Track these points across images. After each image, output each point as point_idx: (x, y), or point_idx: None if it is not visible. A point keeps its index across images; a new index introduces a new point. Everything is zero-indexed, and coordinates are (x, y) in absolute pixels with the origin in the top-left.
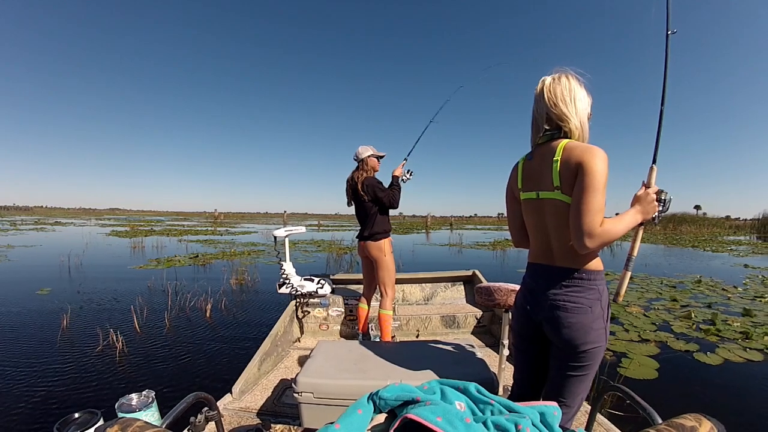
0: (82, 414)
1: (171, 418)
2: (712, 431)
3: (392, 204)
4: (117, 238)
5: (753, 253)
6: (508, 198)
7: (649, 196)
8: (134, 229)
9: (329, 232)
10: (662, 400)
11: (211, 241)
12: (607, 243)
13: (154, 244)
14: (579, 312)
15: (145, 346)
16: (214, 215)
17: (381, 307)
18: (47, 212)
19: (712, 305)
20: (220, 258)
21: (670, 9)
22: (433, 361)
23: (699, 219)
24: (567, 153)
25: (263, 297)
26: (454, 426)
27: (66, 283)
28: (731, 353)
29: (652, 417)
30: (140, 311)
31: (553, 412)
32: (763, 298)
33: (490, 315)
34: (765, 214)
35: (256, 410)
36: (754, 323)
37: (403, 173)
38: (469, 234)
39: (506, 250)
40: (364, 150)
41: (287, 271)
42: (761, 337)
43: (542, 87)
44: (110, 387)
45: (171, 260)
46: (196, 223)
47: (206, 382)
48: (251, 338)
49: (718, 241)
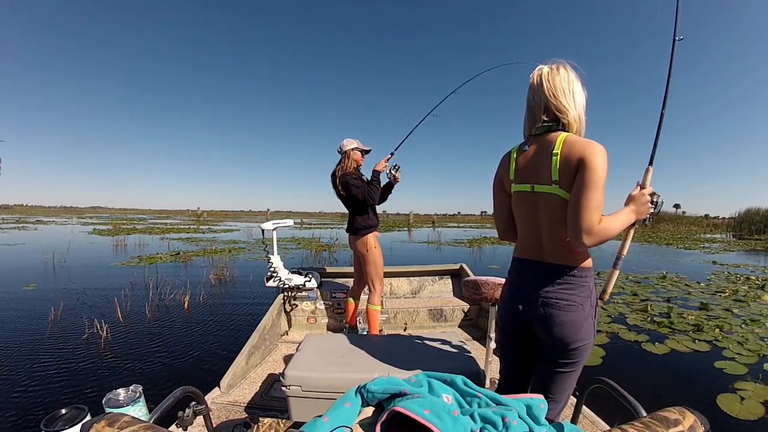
0: (69, 410)
1: (159, 412)
2: (695, 424)
3: (366, 200)
4: (99, 236)
5: (725, 250)
6: (496, 189)
7: (644, 197)
8: (117, 227)
9: (310, 230)
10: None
11: (193, 239)
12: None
13: (137, 242)
14: (571, 309)
15: (128, 339)
16: (198, 213)
17: (369, 302)
18: (28, 210)
19: (671, 300)
20: (201, 255)
21: (679, 16)
22: (420, 354)
23: (678, 217)
24: (567, 147)
25: (241, 291)
26: (442, 419)
27: (51, 279)
28: (679, 344)
29: (636, 410)
30: (123, 305)
31: (539, 404)
32: (723, 294)
33: (477, 308)
34: (741, 213)
35: (244, 404)
36: (709, 316)
37: (388, 168)
38: (450, 232)
39: (482, 247)
40: (348, 143)
41: (275, 264)
42: (712, 330)
43: (540, 76)
44: (96, 377)
45: (153, 257)
46: (179, 221)
47: (187, 373)
48: (229, 330)
49: (693, 239)
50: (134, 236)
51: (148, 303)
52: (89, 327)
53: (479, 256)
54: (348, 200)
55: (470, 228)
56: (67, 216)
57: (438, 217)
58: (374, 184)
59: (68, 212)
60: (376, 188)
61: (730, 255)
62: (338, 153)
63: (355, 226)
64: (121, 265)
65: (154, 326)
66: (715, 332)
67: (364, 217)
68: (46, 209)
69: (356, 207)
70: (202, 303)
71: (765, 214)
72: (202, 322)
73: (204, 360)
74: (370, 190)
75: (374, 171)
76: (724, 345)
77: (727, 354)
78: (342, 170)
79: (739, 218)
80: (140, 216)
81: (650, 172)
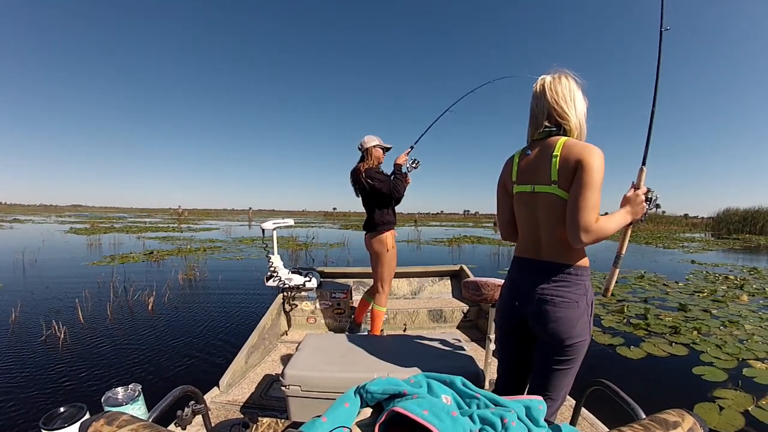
0: (67, 408)
1: (157, 411)
2: (694, 426)
3: (393, 193)
4: (75, 235)
5: (703, 249)
6: (500, 192)
7: (639, 198)
8: (94, 226)
9: (291, 229)
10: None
11: (170, 238)
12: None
13: (112, 241)
14: (566, 306)
15: (89, 338)
16: (179, 212)
17: (375, 302)
18: (6, 209)
19: (649, 300)
20: (175, 255)
21: (664, 5)
22: (419, 354)
23: (658, 217)
24: (566, 149)
25: (209, 290)
26: (441, 419)
27: (20, 279)
28: (656, 347)
29: (635, 411)
30: (84, 305)
31: (538, 405)
32: (701, 293)
33: (476, 310)
34: (720, 213)
35: (243, 403)
36: (686, 317)
37: (407, 162)
38: (432, 231)
39: (461, 246)
40: (369, 140)
41: (275, 264)
42: (690, 332)
43: (543, 85)
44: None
45: (125, 257)
46: (159, 219)
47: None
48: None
49: (672, 238)
50: (110, 235)
51: (109, 303)
52: (47, 329)
53: (458, 255)
54: (372, 196)
55: (452, 227)
56: (46, 214)
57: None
58: (399, 178)
59: (48, 210)
60: (401, 182)
61: (708, 254)
62: (359, 150)
63: (374, 222)
64: (92, 264)
65: (114, 327)
66: (693, 335)
67: (382, 213)
68: (25, 208)
69: (379, 202)
70: (166, 303)
71: (743, 214)
72: (164, 322)
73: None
74: (396, 184)
75: (396, 165)
76: (702, 348)
77: (705, 358)
78: (367, 166)
79: (717, 218)
80: (120, 214)
81: (644, 172)
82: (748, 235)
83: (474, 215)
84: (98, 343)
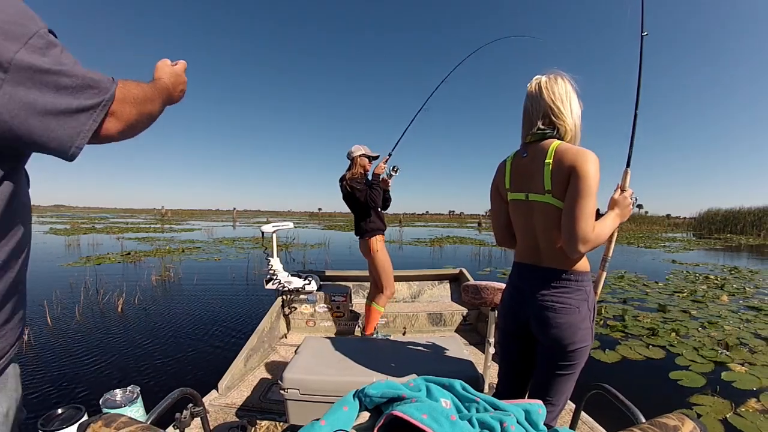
0: (66, 409)
1: (156, 413)
2: (694, 430)
3: (368, 203)
4: (54, 236)
5: (684, 249)
6: (493, 196)
7: (627, 200)
8: (75, 226)
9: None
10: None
11: (150, 238)
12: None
13: (91, 242)
14: (567, 312)
15: (54, 341)
16: (162, 212)
17: (374, 301)
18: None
19: (628, 301)
20: (152, 255)
21: (644, 11)
22: (419, 358)
23: (640, 217)
24: (559, 156)
25: (184, 292)
26: (440, 423)
27: None
28: (632, 350)
29: (635, 416)
30: (55, 306)
31: (538, 410)
32: (681, 294)
33: (476, 313)
34: (702, 213)
35: (241, 406)
36: (665, 318)
37: (387, 170)
38: (416, 231)
39: (443, 246)
40: (356, 149)
41: (275, 266)
42: (668, 334)
43: (539, 84)
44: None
45: (102, 258)
46: (141, 220)
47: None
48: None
49: (654, 237)
50: (90, 236)
51: (78, 305)
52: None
53: (439, 255)
54: (354, 204)
55: (436, 227)
56: None
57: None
58: (375, 188)
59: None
60: (377, 191)
61: (689, 254)
62: (347, 159)
63: (361, 229)
64: (68, 265)
65: (83, 328)
66: (671, 336)
67: (367, 221)
68: None
69: (360, 211)
70: (136, 304)
71: (724, 214)
72: (134, 323)
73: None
74: (371, 194)
75: (374, 174)
76: (679, 350)
77: (682, 362)
78: (351, 175)
79: (699, 218)
80: (103, 215)
81: (628, 174)
82: (729, 234)
83: (459, 215)
84: (62, 346)
